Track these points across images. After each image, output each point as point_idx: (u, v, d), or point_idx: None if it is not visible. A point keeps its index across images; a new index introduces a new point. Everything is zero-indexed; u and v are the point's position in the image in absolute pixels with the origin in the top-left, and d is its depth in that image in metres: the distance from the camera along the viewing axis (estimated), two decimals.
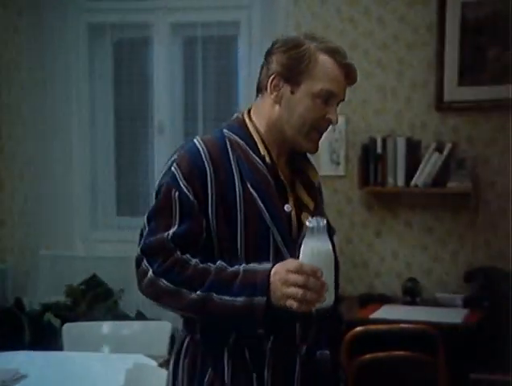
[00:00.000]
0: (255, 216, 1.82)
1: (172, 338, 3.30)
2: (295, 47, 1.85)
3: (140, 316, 4.11)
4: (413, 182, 3.82)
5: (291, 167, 1.95)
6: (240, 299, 1.70)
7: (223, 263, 1.76)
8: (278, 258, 1.78)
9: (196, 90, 4.35)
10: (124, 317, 4.05)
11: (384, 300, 3.86)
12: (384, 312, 3.65)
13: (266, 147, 1.88)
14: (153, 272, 1.77)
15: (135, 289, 1.83)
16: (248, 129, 1.89)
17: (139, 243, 1.83)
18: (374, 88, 3.98)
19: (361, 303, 3.85)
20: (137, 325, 3.46)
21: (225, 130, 1.89)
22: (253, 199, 1.82)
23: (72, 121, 4.46)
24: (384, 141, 3.87)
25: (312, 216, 1.80)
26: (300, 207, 1.91)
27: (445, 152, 3.79)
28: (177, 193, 1.79)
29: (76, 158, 4.48)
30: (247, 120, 1.91)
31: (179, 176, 1.81)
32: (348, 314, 3.52)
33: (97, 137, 4.54)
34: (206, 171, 1.81)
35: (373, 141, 3.88)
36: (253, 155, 1.86)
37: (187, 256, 1.77)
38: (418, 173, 3.81)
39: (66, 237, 4.50)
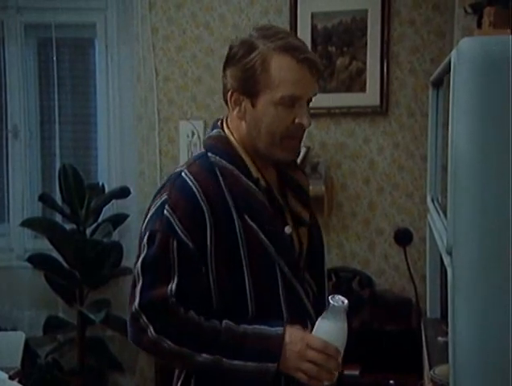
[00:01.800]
0: (259, 252, 1.68)
1: (25, 349, 3.21)
2: (247, 54, 1.67)
3: None
4: None
5: (278, 174, 1.81)
6: (251, 364, 1.62)
7: (229, 322, 1.65)
8: (289, 290, 1.70)
9: (52, 93, 4.24)
10: None
11: None
12: None
13: (258, 167, 1.74)
14: (155, 331, 1.62)
15: None
16: (234, 148, 1.73)
17: (134, 296, 1.65)
18: None
19: None
20: None
21: (210, 155, 1.72)
22: (253, 232, 1.67)
23: None
24: None
25: (310, 228, 1.80)
26: (296, 221, 1.81)
27: (300, 156, 3.90)
28: (175, 242, 1.62)
29: None
30: (231, 137, 1.74)
31: (175, 222, 1.63)
32: None
33: None
34: (204, 213, 1.63)
35: None
36: (246, 180, 1.70)
37: (192, 313, 1.64)
38: None
39: None
